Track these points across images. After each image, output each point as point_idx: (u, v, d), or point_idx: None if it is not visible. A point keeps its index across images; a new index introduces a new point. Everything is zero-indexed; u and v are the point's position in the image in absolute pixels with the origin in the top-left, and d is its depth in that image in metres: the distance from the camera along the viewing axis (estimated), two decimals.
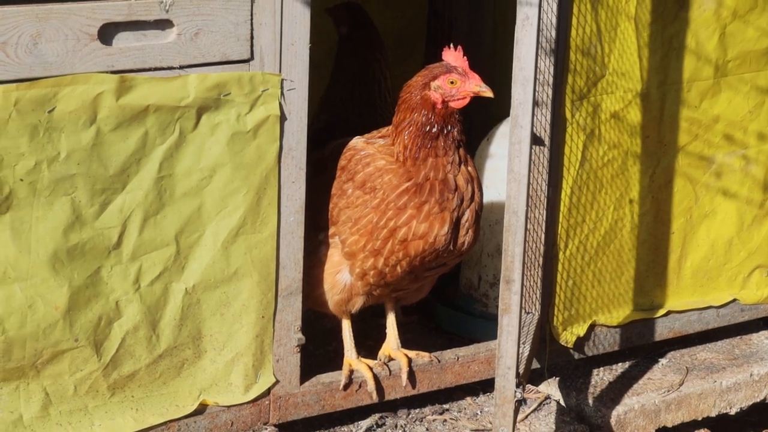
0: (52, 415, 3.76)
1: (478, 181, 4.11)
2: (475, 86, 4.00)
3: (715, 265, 4.89)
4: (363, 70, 5.02)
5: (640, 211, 4.62)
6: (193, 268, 3.86)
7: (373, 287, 4.17)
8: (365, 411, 4.33)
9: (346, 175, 4.14)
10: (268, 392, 4.09)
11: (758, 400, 4.86)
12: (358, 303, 4.24)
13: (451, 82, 4.00)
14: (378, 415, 4.35)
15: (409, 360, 4.34)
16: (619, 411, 4.53)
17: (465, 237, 4.09)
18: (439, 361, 4.39)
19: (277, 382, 4.10)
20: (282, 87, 3.85)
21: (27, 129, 3.53)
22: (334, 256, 4.15)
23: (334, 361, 4.37)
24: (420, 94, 4.03)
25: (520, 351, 3.95)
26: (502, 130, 4.72)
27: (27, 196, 3.58)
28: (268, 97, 3.83)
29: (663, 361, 4.84)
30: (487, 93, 3.99)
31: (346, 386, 4.23)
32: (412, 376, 4.33)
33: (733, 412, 4.81)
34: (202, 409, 3.98)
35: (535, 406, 4.50)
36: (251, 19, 3.77)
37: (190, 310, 3.89)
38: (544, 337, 4.53)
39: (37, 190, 3.58)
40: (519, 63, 3.71)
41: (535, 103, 3.76)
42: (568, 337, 4.57)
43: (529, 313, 4.26)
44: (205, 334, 3.94)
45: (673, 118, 4.60)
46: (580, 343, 4.63)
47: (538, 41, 3.70)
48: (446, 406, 4.47)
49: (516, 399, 3.93)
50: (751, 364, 4.88)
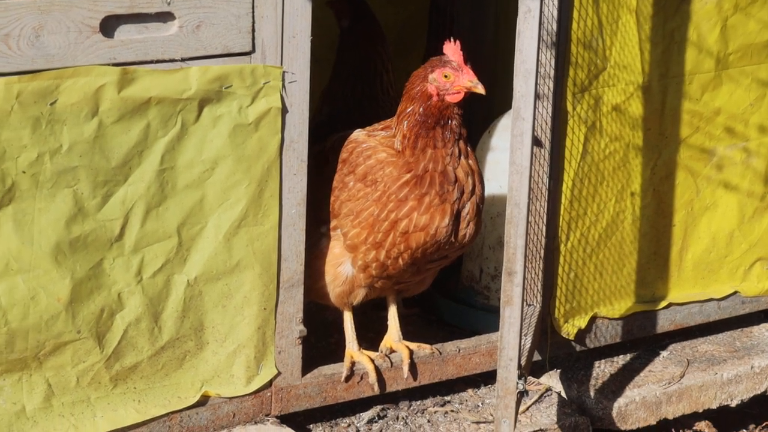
0: (54, 407, 3.77)
1: (479, 174, 4.11)
2: (468, 81, 3.98)
3: (716, 257, 4.89)
4: (365, 63, 5.01)
5: (641, 204, 4.62)
6: (195, 260, 3.87)
7: (374, 279, 4.17)
8: (367, 403, 4.34)
9: (347, 168, 4.14)
10: (270, 384, 4.10)
11: (759, 392, 4.86)
12: (360, 295, 4.24)
13: (445, 76, 4.00)
14: (379, 407, 4.35)
15: (411, 352, 4.34)
16: (620, 403, 4.53)
17: (466, 229, 4.10)
18: (441, 353, 4.40)
19: (279, 373, 4.10)
20: (283, 79, 3.85)
21: (29, 121, 3.53)
22: (336, 249, 4.15)
23: (336, 353, 4.38)
24: (419, 86, 4.04)
25: (522, 343, 3.95)
26: (504, 123, 4.72)
27: (29, 188, 3.58)
28: (270, 90, 3.84)
29: (664, 354, 4.84)
30: (479, 89, 3.97)
31: (348, 378, 4.24)
32: (413, 368, 4.34)
33: (734, 404, 4.81)
34: (204, 401, 3.99)
35: (537, 397, 4.50)
36: (253, 12, 3.77)
37: (192, 301, 3.90)
38: (546, 329, 4.53)
39: (40, 182, 3.59)
40: (521, 56, 3.71)
41: (537, 95, 3.76)
42: (570, 329, 4.58)
43: (530, 305, 4.27)
44: (207, 326, 3.94)
45: (675, 111, 4.59)
46: (582, 335, 4.63)
47: (540, 34, 3.70)
48: (448, 398, 4.47)
49: (518, 390, 3.93)
50: (752, 356, 4.88)
